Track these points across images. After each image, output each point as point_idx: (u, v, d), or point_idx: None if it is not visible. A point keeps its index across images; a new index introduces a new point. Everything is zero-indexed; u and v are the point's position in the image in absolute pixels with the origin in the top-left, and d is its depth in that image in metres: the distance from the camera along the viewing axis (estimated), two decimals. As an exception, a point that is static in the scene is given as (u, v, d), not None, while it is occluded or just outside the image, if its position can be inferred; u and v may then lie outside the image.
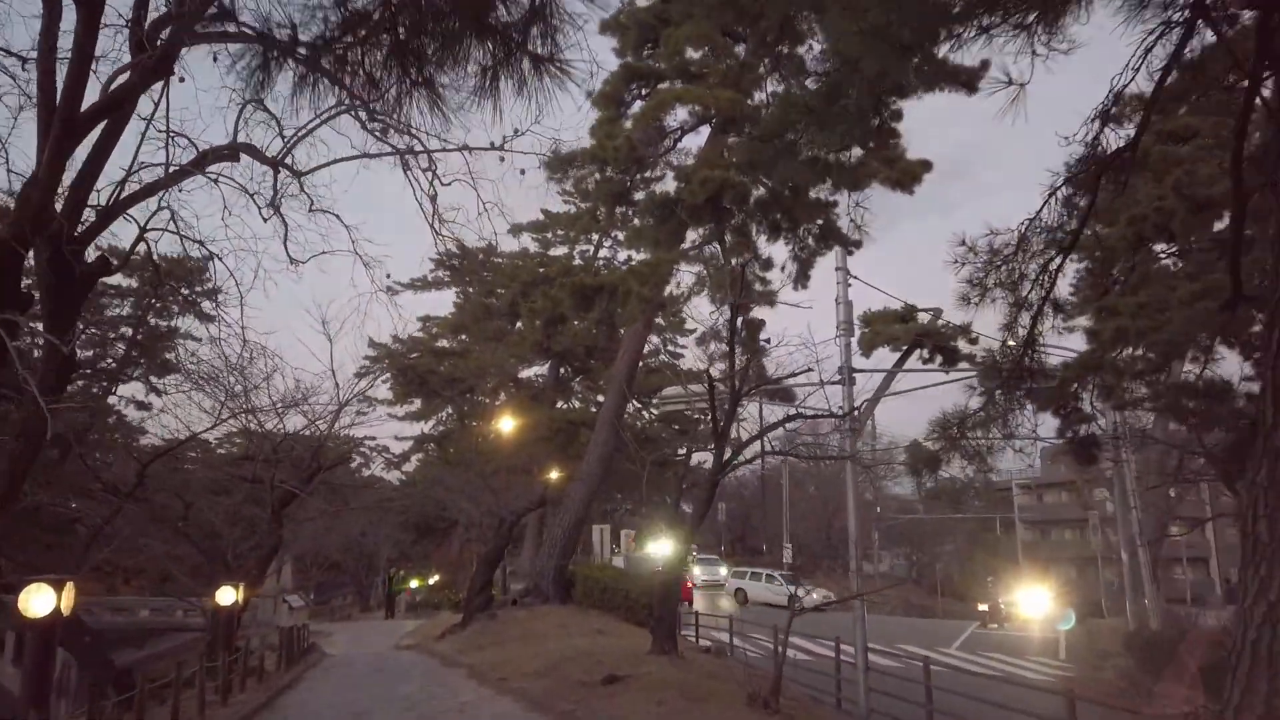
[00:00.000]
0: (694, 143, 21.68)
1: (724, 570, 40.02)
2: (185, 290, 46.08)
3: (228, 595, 11.11)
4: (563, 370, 50.43)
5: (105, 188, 8.02)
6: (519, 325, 47.44)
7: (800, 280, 24.11)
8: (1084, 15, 5.40)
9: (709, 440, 15.46)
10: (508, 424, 29.78)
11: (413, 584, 36.58)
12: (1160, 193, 16.80)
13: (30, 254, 6.69)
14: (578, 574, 23.05)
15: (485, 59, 5.19)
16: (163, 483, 21.95)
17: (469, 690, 12.26)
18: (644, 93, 21.98)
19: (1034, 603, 39.53)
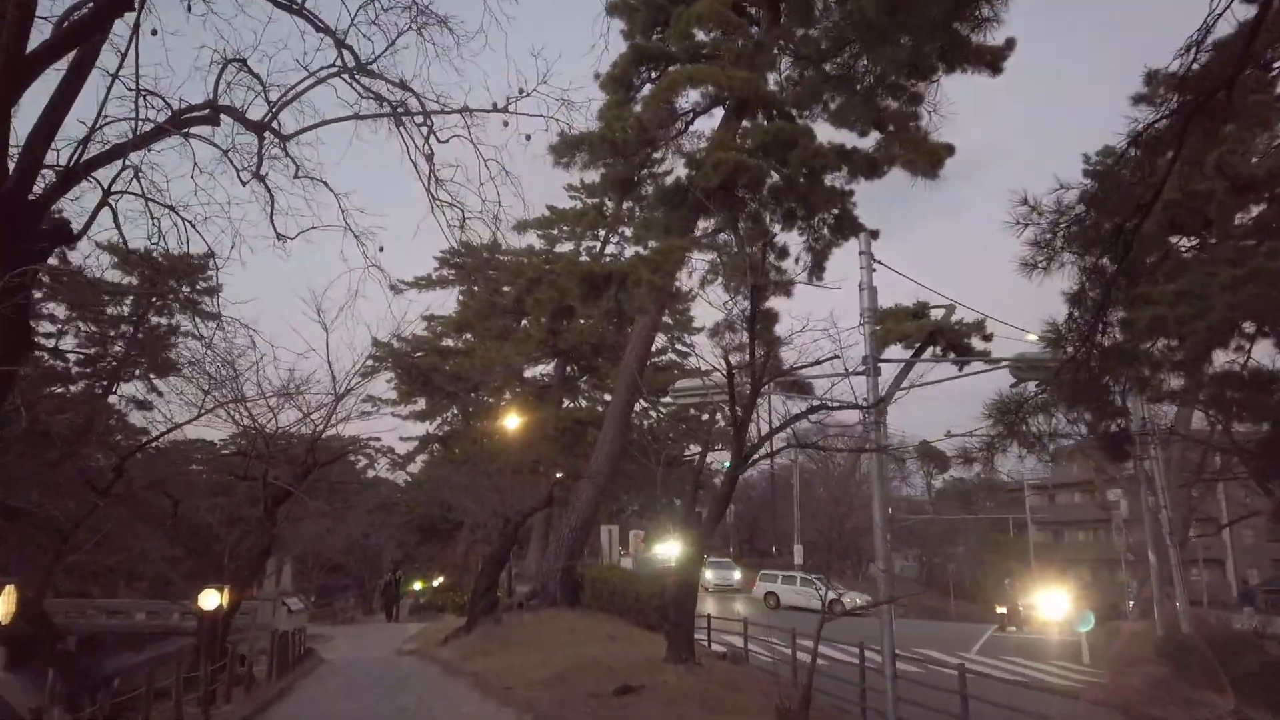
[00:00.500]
0: (706, 126, 20.92)
1: (737, 574, 39.09)
2: (186, 288, 45.67)
3: (211, 599, 10.30)
4: (569, 369, 49.68)
5: (66, 147, 7.25)
6: (524, 323, 46.74)
7: (815, 272, 23.26)
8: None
9: (719, 439, 14.52)
10: (513, 422, 28.99)
11: (416, 586, 35.76)
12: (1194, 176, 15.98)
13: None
14: (586, 576, 22.24)
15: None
16: (158, 481, 21.27)
17: (472, 702, 11.48)
18: (654, 76, 21.20)
19: (1052, 605, 38.63)
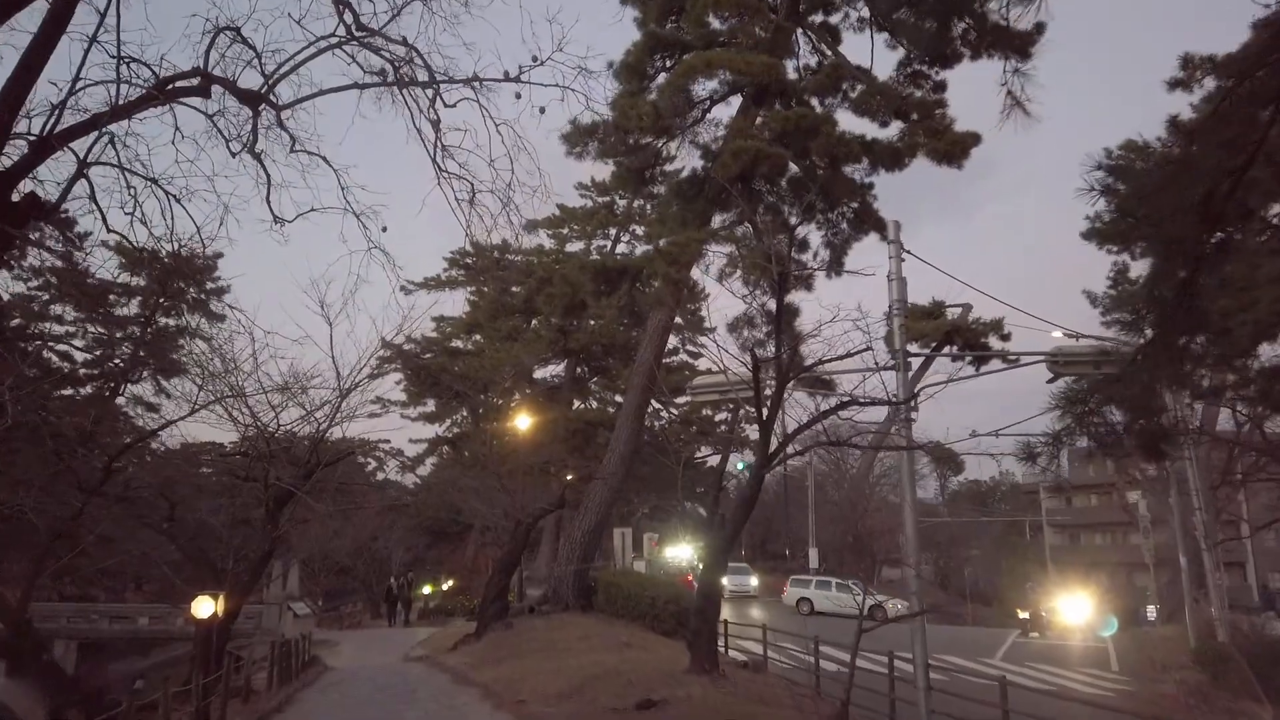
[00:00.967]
0: (723, 115, 20.26)
1: (754, 580, 38.34)
2: (193, 289, 45.26)
3: (205, 606, 9.68)
4: (579, 370, 49.10)
5: (40, 115, 6.65)
6: (534, 323, 46.19)
7: (834, 268, 22.55)
8: None
9: (728, 442, 13.78)
10: (524, 421, 28.37)
11: (425, 590, 35.17)
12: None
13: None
14: (599, 580, 21.58)
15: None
16: (160, 482, 20.70)
17: (483, 715, 10.83)
18: (668, 64, 20.56)
19: (1074, 610, 37.77)
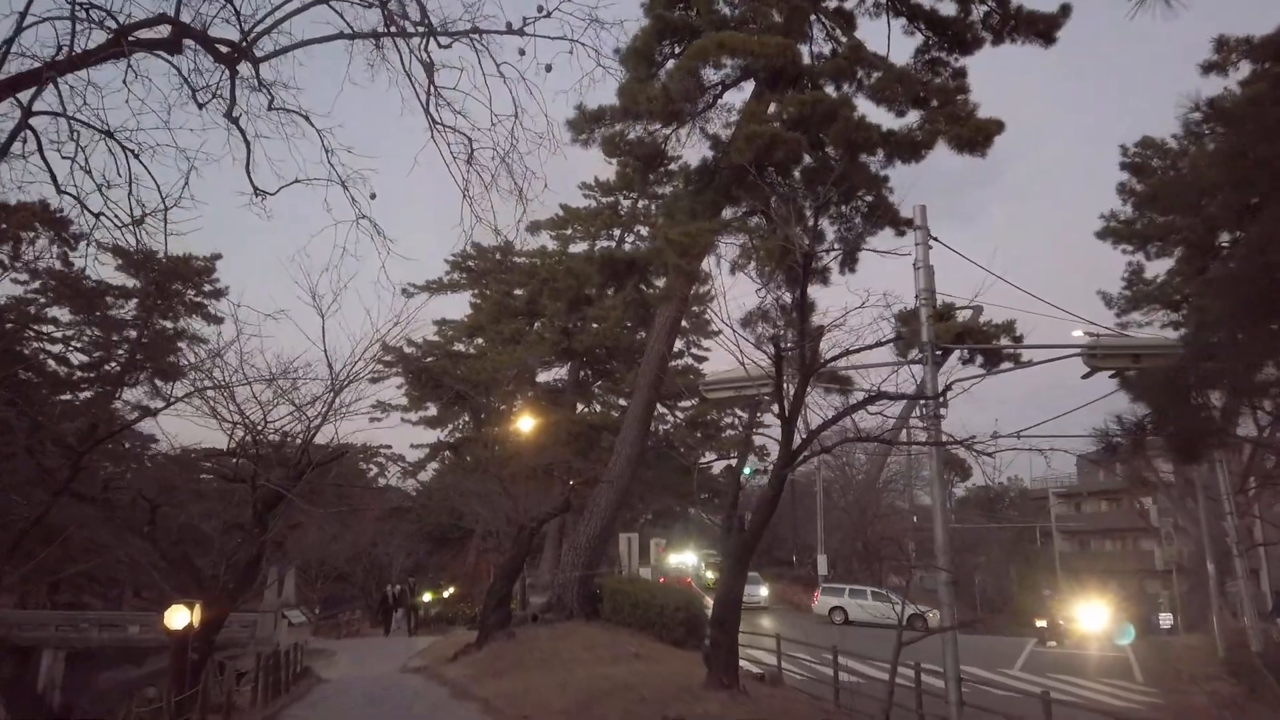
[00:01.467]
0: (735, 101, 19.46)
1: (764, 590, 37.37)
2: (190, 291, 44.61)
3: (180, 616, 8.85)
4: (582, 373, 48.36)
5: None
6: (537, 326, 45.48)
7: (847, 264, 21.78)
8: None
9: (747, 440, 12.99)
10: (527, 424, 27.58)
11: (426, 597, 34.32)
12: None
13: None
14: (605, 587, 20.75)
15: None
16: (166, 487, 19.93)
17: (484, 733, 10.05)
18: (677, 51, 19.83)
19: (1091, 618, 36.89)
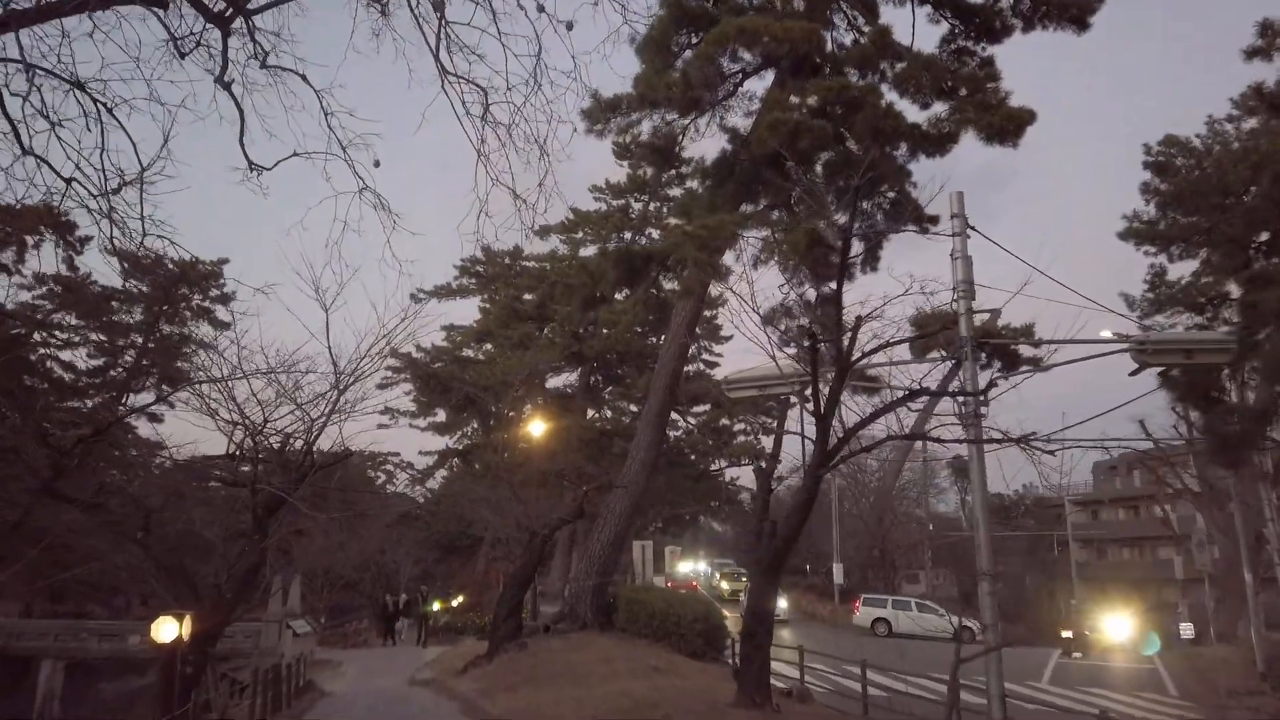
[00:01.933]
0: (756, 89, 18.74)
1: (783, 602, 36.58)
2: (197, 295, 44.18)
3: (168, 628, 8.12)
4: (593, 379, 47.72)
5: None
6: (547, 331, 44.89)
7: (869, 262, 21.12)
8: None
9: (778, 440, 12.24)
10: (538, 428, 26.89)
11: (434, 606, 33.59)
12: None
13: None
14: (620, 597, 19.99)
15: None
16: (175, 494, 19.29)
17: (496, 755, 9.32)
18: (695, 41, 19.19)
19: (1116, 628, 35.96)
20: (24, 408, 27.33)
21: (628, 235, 42.90)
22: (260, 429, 11.52)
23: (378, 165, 6.19)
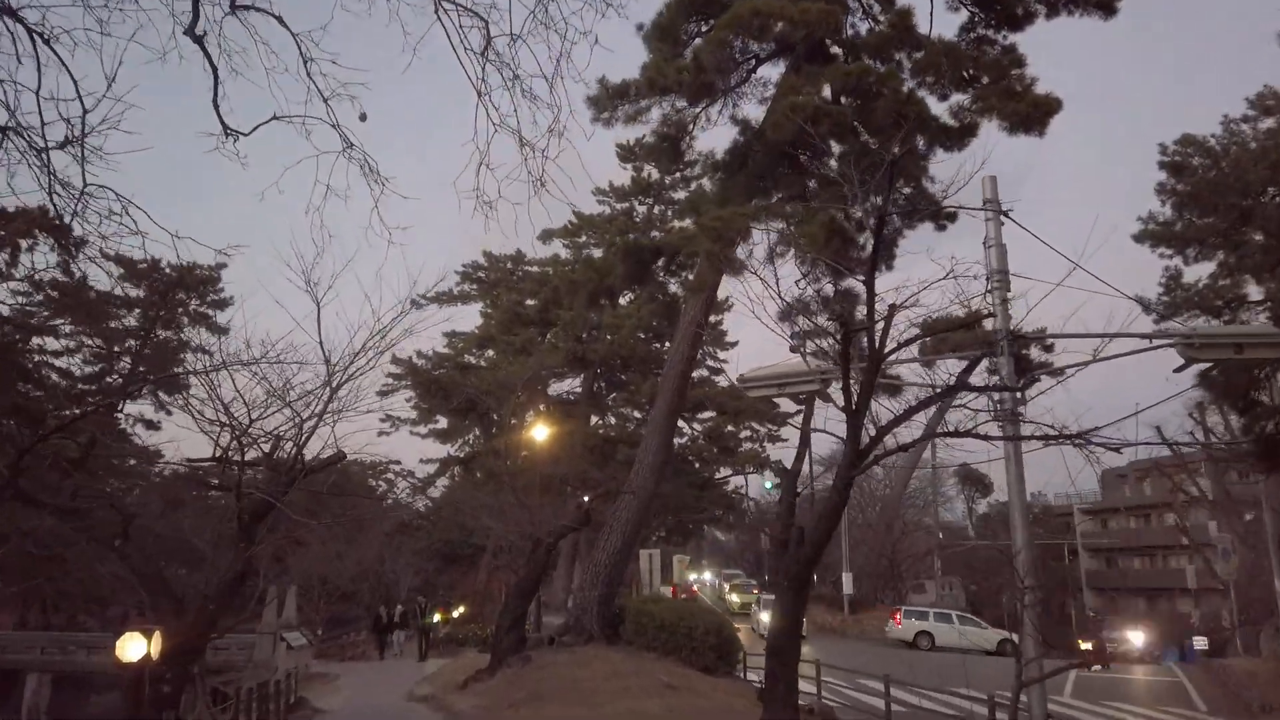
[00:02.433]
0: (771, 76, 17.97)
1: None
2: (195, 300, 43.49)
3: (134, 646, 7.24)
4: (597, 386, 46.88)
5: None
6: (550, 336, 44.10)
7: (884, 259, 20.42)
8: None
9: (805, 440, 11.52)
10: (541, 432, 26.10)
11: (435, 617, 32.72)
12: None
13: None
14: (628, 608, 19.15)
15: None
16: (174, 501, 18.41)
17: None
18: (704, 29, 18.49)
19: (1136, 639, 35.12)
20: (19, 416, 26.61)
21: (632, 238, 42.20)
22: (246, 429, 10.76)
23: (364, 119, 5.44)
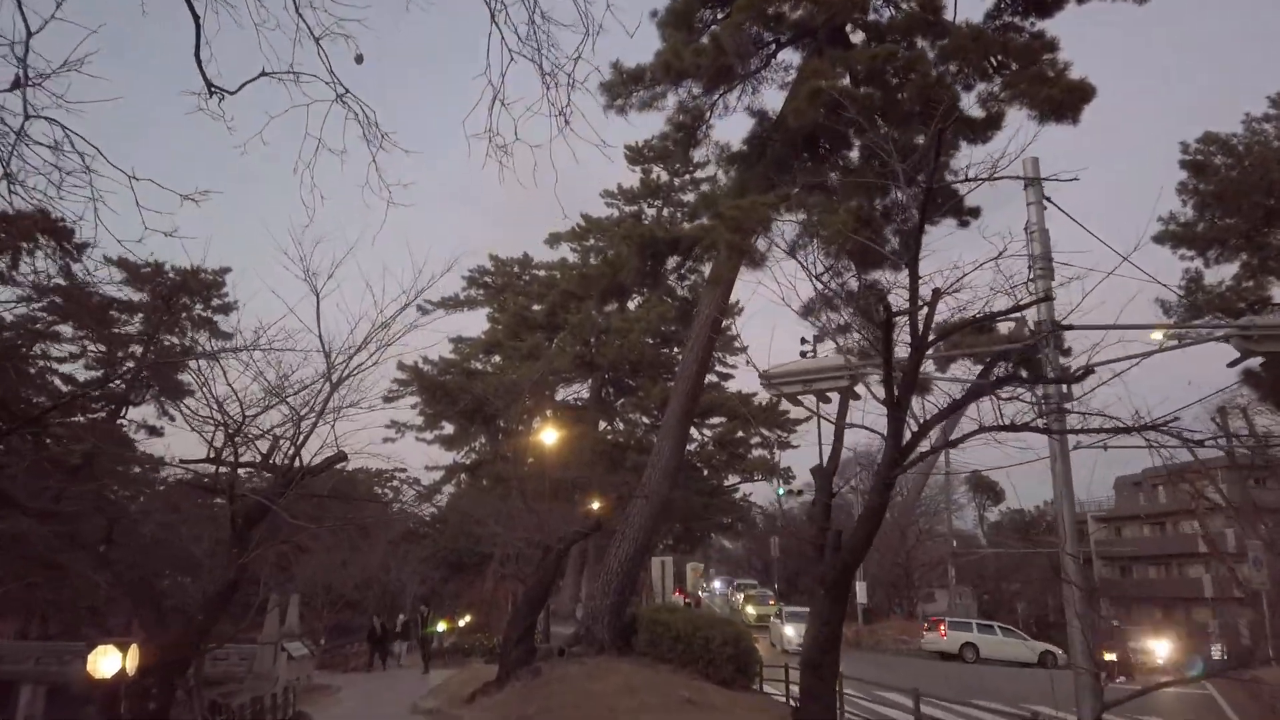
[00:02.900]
0: (792, 60, 17.32)
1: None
2: (199, 305, 43.01)
3: (109, 660, 6.55)
4: (605, 391, 46.24)
5: None
6: (557, 341, 43.48)
7: (904, 258, 19.77)
8: None
9: (840, 433, 10.75)
10: (550, 436, 25.42)
11: (440, 626, 32.00)
12: None
13: None
14: (642, 618, 18.40)
15: None
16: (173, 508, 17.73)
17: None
18: (720, 16, 17.86)
19: (1161, 650, 34.22)
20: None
21: (646, 224, 41.59)
22: (240, 426, 10.09)
23: (360, 61, 4.77)
